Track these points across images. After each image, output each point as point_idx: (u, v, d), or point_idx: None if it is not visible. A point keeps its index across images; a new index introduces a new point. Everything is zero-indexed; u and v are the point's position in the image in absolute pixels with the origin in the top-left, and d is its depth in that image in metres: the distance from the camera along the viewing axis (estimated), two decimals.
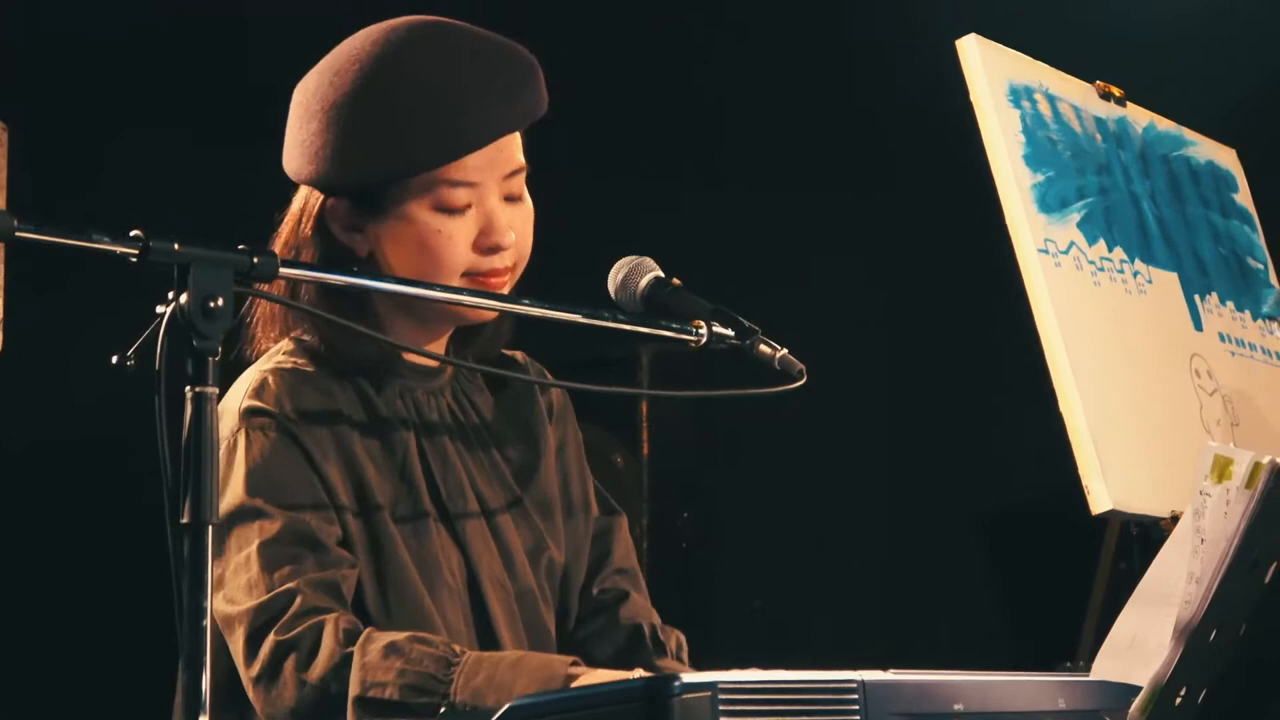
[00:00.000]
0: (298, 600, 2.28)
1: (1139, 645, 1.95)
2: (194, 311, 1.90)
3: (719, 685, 1.76)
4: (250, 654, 2.30)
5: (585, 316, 2.33)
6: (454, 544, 2.46)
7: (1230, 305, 3.73)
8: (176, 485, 1.89)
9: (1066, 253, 3.32)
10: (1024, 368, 3.30)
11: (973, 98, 3.33)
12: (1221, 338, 3.66)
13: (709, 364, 2.47)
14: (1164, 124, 3.79)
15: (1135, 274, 3.49)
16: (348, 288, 2.36)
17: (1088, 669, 2.00)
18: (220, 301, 1.92)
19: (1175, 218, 3.68)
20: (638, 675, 2.16)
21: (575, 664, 2.24)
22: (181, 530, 1.89)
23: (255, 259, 1.98)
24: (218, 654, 2.34)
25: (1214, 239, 3.78)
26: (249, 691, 2.31)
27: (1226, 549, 1.85)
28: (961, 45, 3.35)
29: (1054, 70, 3.54)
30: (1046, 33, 3.79)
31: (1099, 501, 3.14)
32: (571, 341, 2.51)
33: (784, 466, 4.94)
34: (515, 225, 2.46)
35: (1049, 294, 3.22)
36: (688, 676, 1.77)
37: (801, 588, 4.95)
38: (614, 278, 2.48)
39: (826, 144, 4.84)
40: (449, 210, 2.43)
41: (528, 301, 2.41)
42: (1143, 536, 3.35)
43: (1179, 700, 1.84)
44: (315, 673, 2.26)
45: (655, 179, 4.82)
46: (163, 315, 1.91)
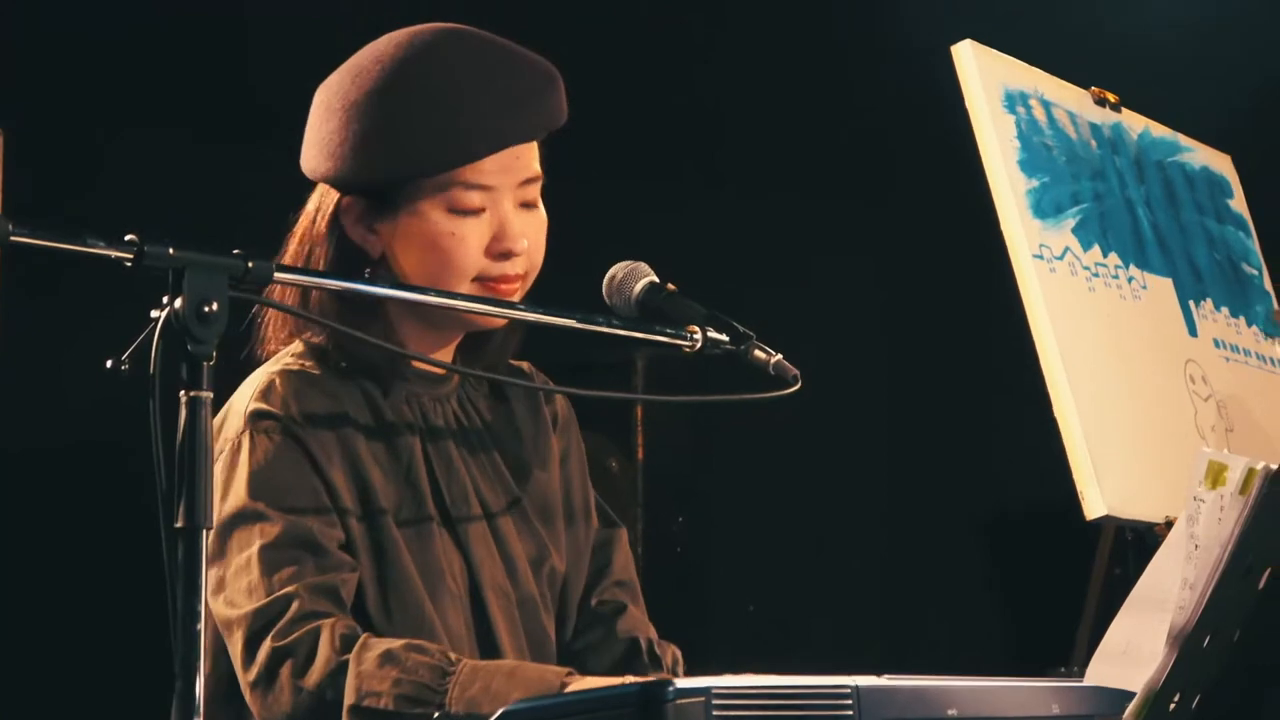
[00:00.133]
0: (295, 605, 2.28)
1: (1133, 651, 1.95)
2: (188, 316, 1.90)
3: (713, 691, 1.76)
4: (248, 659, 2.30)
5: (580, 321, 2.33)
6: (457, 550, 2.46)
7: (1225, 311, 3.73)
8: (171, 489, 1.90)
9: (1061, 258, 3.32)
10: (1020, 372, 3.30)
11: (968, 103, 3.33)
12: (1216, 343, 3.66)
13: (704, 369, 2.47)
14: (1159, 130, 3.79)
15: (1130, 279, 3.50)
16: (343, 292, 2.36)
17: (1082, 674, 2.00)
18: (215, 306, 1.92)
19: (1170, 223, 3.69)
20: (630, 680, 2.16)
21: (571, 675, 2.24)
22: (176, 534, 1.89)
23: (250, 264, 1.97)
24: (220, 654, 2.35)
25: (1209, 245, 3.78)
26: (246, 695, 2.31)
27: (1220, 555, 1.85)
28: (957, 51, 3.35)
29: (1049, 76, 3.54)
30: (1042, 39, 3.79)
31: (1093, 507, 3.14)
32: (566, 346, 2.51)
33: (779, 471, 4.94)
34: (529, 233, 2.46)
35: (1044, 299, 3.22)
36: (682, 682, 1.77)
37: (796, 592, 4.95)
38: (609, 282, 2.47)
39: (823, 148, 4.84)
40: (463, 212, 2.43)
41: (522, 306, 2.41)
42: (1137, 542, 3.35)
43: (1173, 706, 1.84)
44: (311, 679, 2.25)
45: (653, 181, 4.82)
46: (157, 319, 1.91)
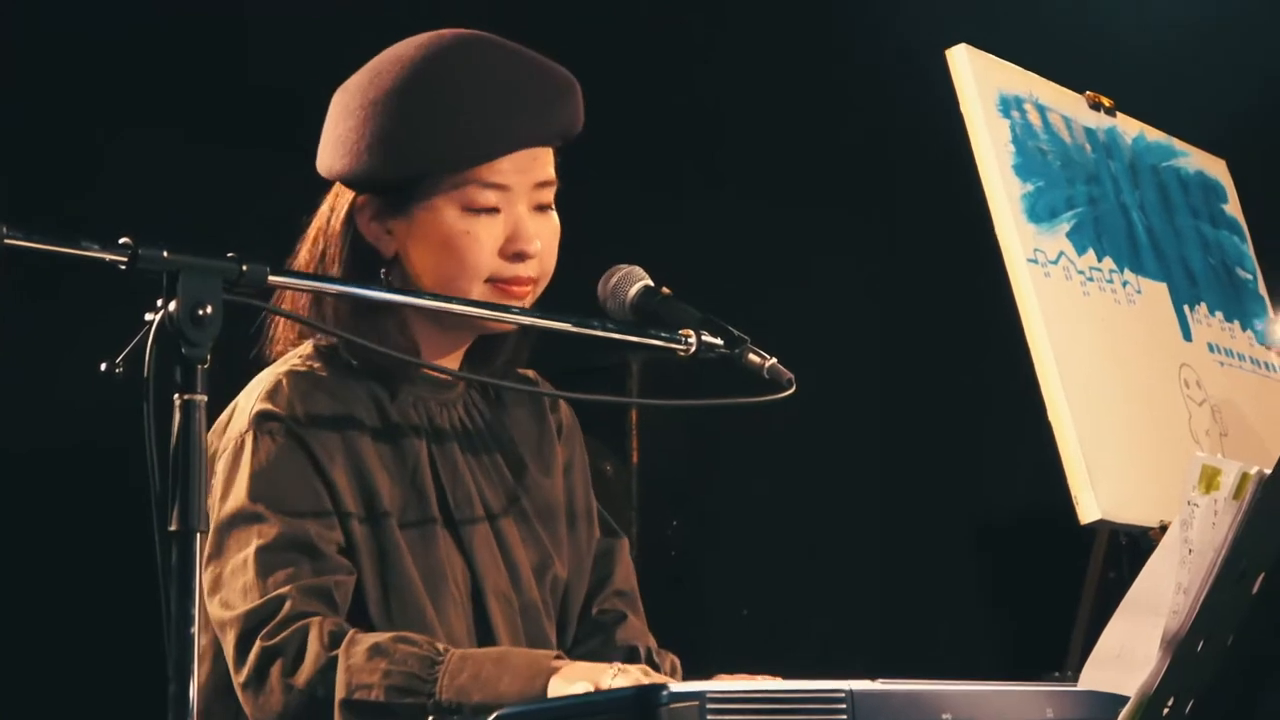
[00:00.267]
0: (286, 606, 2.29)
1: (1127, 655, 1.95)
2: (183, 319, 1.90)
3: (707, 695, 1.76)
4: (239, 660, 2.30)
5: (575, 325, 2.33)
6: (459, 554, 2.46)
7: (1219, 315, 3.73)
8: (165, 493, 1.90)
9: (1056, 262, 3.32)
10: (1015, 377, 3.30)
11: (963, 108, 3.33)
12: (1211, 348, 3.66)
13: (699, 372, 2.47)
14: (1154, 134, 3.79)
15: (1125, 284, 3.50)
16: (342, 295, 2.37)
17: (1076, 679, 2.00)
18: (209, 309, 1.92)
19: (1165, 228, 3.68)
20: (616, 667, 2.16)
21: (560, 658, 2.25)
22: (170, 538, 1.89)
23: (244, 267, 1.98)
24: (218, 653, 2.35)
25: (1203, 249, 3.78)
26: (239, 696, 2.32)
27: (1214, 559, 1.85)
28: (952, 55, 3.35)
29: (1044, 80, 3.54)
30: (1037, 43, 3.79)
31: (1088, 511, 3.14)
32: (561, 349, 2.51)
33: (774, 475, 4.94)
34: (542, 236, 2.47)
35: (1038, 304, 3.21)
36: (676, 685, 1.77)
37: (791, 596, 4.94)
38: (604, 286, 2.48)
39: (819, 153, 4.84)
40: (477, 210, 2.44)
41: (518, 309, 2.41)
42: (1131, 546, 3.35)
43: (1166, 711, 1.84)
44: (301, 678, 2.26)
45: (650, 183, 4.81)
46: (151, 323, 1.91)
